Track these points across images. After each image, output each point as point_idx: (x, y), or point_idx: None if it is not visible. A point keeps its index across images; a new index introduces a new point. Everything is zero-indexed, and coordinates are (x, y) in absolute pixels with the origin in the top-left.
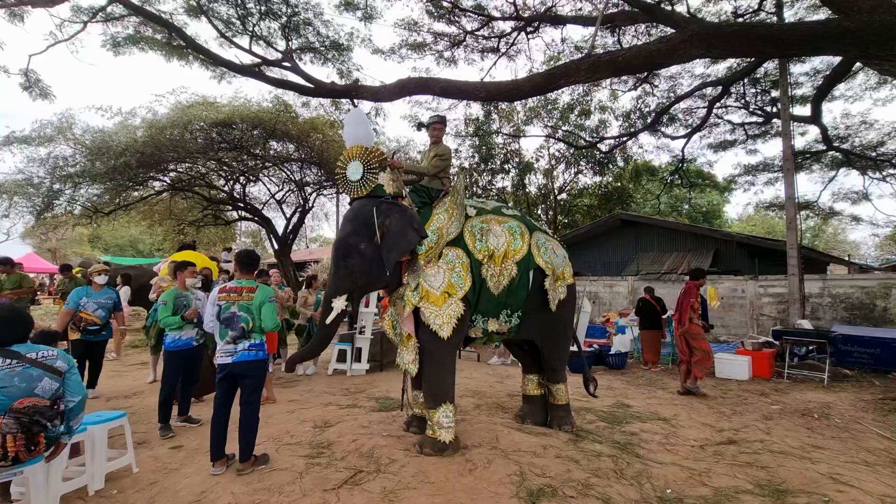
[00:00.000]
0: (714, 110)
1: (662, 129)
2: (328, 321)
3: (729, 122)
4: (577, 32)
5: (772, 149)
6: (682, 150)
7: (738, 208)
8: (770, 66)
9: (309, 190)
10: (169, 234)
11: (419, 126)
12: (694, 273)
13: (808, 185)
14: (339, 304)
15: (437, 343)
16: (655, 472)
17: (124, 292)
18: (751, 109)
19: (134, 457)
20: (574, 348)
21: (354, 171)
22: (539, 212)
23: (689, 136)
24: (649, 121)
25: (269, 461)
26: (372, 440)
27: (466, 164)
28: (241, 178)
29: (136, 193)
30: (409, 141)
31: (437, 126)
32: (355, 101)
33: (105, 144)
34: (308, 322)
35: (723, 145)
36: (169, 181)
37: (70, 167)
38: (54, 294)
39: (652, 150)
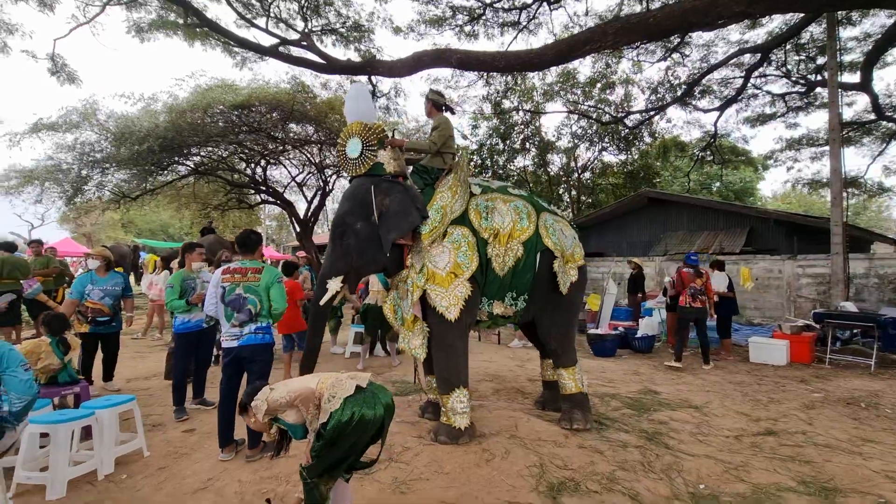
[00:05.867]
0: (752, 80)
1: (694, 101)
2: (321, 302)
3: (768, 92)
4: (602, 2)
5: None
6: (715, 125)
7: (774, 186)
8: (815, 29)
9: (329, 172)
10: (195, 217)
11: (443, 107)
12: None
13: (853, 159)
14: (334, 285)
15: (446, 326)
16: (687, 465)
17: (164, 276)
18: (793, 78)
19: (145, 441)
20: (600, 331)
21: (353, 147)
22: (561, 192)
23: (723, 108)
24: (680, 93)
25: (288, 451)
26: None
27: (486, 145)
28: (262, 162)
29: (161, 178)
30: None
31: (428, 100)
32: (372, 77)
33: (128, 130)
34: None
35: (760, 119)
36: (192, 165)
37: (96, 153)
38: None
39: (681, 125)
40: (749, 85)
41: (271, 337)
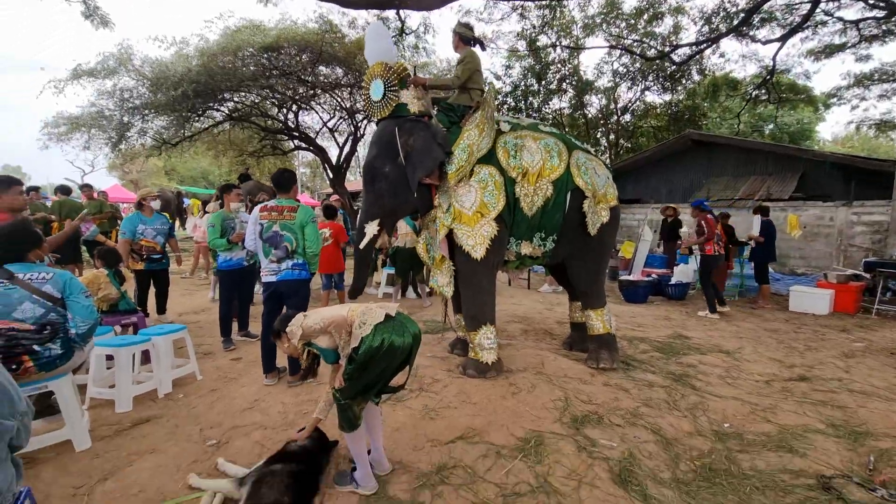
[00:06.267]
0: (821, 4)
1: (752, 32)
2: (361, 246)
3: (839, 19)
4: None
5: (891, 52)
6: (774, 58)
7: (835, 128)
8: None
9: (359, 117)
10: (233, 164)
11: (472, 42)
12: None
13: None
14: (371, 229)
15: (473, 265)
16: (713, 405)
17: (206, 219)
18: (870, 1)
19: (197, 366)
20: (632, 277)
21: (376, 90)
22: (598, 135)
23: (784, 39)
24: (736, 22)
25: (317, 375)
26: (416, 360)
27: (520, 86)
28: (294, 107)
29: (198, 125)
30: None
31: (455, 34)
32: (400, 12)
33: (163, 75)
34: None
35: (827, 50)
36: (227, 111)
37: (135, 99)
38: None
39: (736, 59)
40: (817, 10)
41: (308, 273)
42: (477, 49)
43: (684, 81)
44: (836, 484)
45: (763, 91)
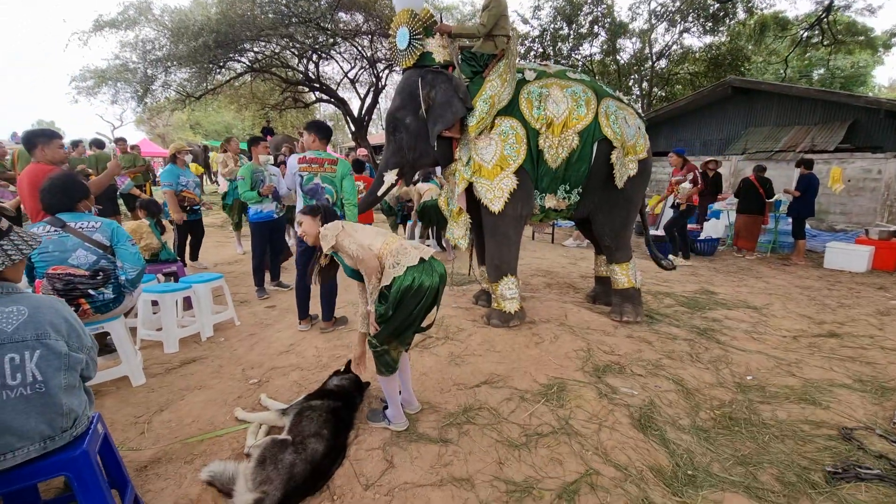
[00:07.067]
0: None
1: None
2: (378, 193)
3: None
4: None
5: None
6: None
7: (894, 72)
8: None
9: (381, 67)
10: (255, 118)
11: None
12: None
13: None
14: (390, 177)
15: (495, 217)
16: (736, 358)
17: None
18: None
19: (235, 312)
20: (659, 232)
21: (402, 38)
22: (630, 84)
23: None
24: None
25: (347, 322)
26: (441, 310)
27: (549, 30)
28: (314, 57)
29: (220, 77)
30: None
31: None
32: None
33: (183, 25)
34: (399, 203)
35: None
36: (247, 63)
37: (157, 51)
38: None
39: None
40: None
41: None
42: None
43: (728, 21)
44: (858, 435)
45: (816, 32)
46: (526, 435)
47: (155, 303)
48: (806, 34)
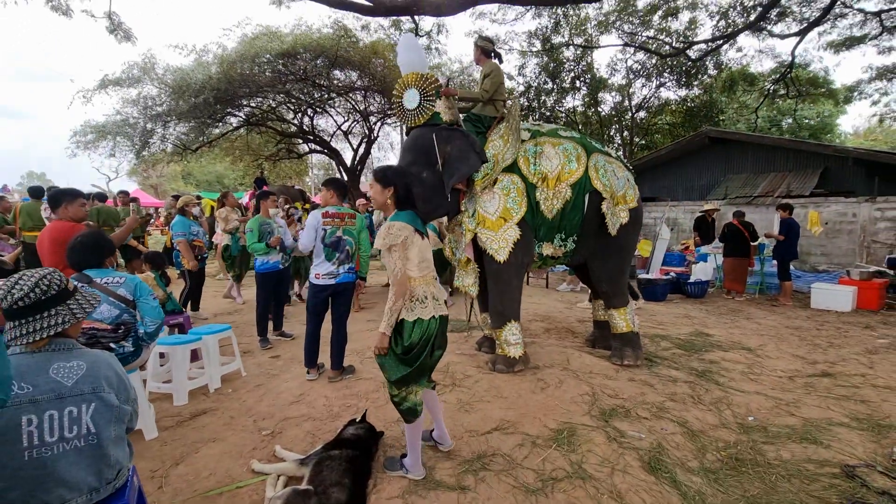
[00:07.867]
0: None
1: (769, 27)
2: None
3: (860, 10)
4: None
5: None
6: (793, 52)
7: (857, 121)
8: None
9: (373, 119)
10: (249, 168)
11: (492, 54)
12: None
13: None
14: None
15: (499, 266)
16: (736, 399)
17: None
18: None
19: (242, 363)
20: (650, 276)
21: (411, 99)
22: (612, 132)
23: (804, 33)
24: (753, 17)
25: (354, 371)
26: (446, 357)
27: (534, 85)
28: (309, 111)
29: (216, 130)
30: (473, 63)
31: (477, 47)
32: (416, 18)
33: (184, 83)
34: None
35: (847, 43)
36: (244, 116)
37: (158, 106)
38: (162, 225)
39: (752, 54)
40: (837, 3)
41: (356, 275)
42: (496, 60)
43: (700, 76)
44: (860, 472)
45: (782, 85)
46: (541, 480)
47: (162, 355)
48: (772, 87)
